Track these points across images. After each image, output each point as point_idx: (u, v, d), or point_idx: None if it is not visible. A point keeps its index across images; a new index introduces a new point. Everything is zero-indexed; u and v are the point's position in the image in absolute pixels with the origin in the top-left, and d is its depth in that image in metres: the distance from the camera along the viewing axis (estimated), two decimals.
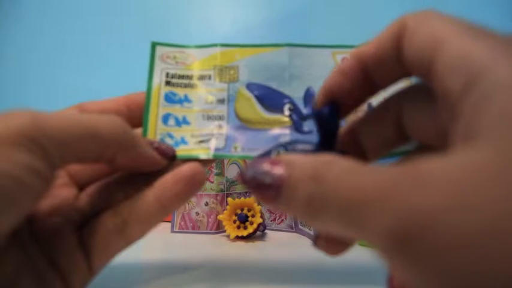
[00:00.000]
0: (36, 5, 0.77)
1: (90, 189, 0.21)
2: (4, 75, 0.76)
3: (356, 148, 0.18)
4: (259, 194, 0.13)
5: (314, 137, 0.18)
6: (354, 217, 0.10)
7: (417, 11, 0.14)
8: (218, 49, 0.25)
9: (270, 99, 0.24)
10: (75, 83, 0.72)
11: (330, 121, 0.17)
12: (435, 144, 0.15)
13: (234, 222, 0.43)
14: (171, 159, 0.22)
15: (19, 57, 0.76)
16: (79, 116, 0.17)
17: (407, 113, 0.16)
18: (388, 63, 0.15)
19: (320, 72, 0.25)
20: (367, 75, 0.16)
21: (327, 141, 0.17)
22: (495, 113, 0.10)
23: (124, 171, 0.21)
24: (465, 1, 0.67)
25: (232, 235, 0.42)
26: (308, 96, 0.24)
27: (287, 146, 0.19)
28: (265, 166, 0.12)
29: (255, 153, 0.23)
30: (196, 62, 0.25)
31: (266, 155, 0.19)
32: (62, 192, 0.21)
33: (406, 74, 0.15)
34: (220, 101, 0.24)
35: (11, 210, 0.15)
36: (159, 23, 0.74)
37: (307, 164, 0.12)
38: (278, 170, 0.12)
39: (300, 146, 0.19)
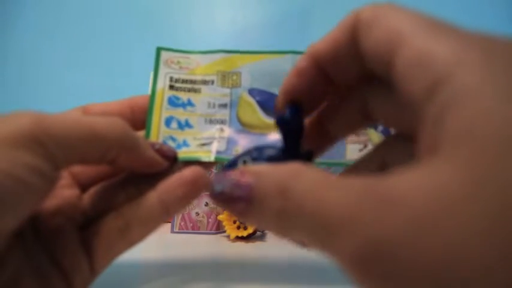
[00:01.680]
0: (42, 6, 0.77)
1: (93, 191, 0.21)
2: (9, 76, 0.76)
3: (321, 131, 0.18)
4: (229, 208, 0.12)
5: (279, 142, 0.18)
6: (320, 235, 0.10)
7: (372, 4, 0.13)
8: (221, 55, 0.26)
9: (271, 104, 0.24)
10: (80, 84, 0.73)
11: (292, 122, 0.17)
12: (400, 128, 0.15)
13: (234, 222, 0.44)
14: (172, 161, 0.22)
15: (24, 58, 0.76)
16: (81, 117, 0.18)
17: (371, 100, 0.16)
18: (344, 59, 0.14)
19: None
20: (323, 73, 0.15)
21: (292, 144, 0.17)
22: (457, 125, 0.09)
23: (126, 172, 0.22)
24: (463, 2, 0.67)
25: (232, 235, 0.42)
26: None
27: (252, 153, 0.19)
28: (233, 179, 0.12)
29: None
30: (199, 67, 0.25)
31: (232, 165, 0.19)
32: (64, 192, 0.21)
33: (365, 70, 0.14)
34: (223, 106, 0.24)
35: (14, 211, 0.15)
36: (162, 25, 0.74)
37: (273, 176, 0.12)
38: (246, 182, 0.12)
39: (266, 152, 0.18)
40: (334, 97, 0.17)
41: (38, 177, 0.15)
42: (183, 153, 0.23)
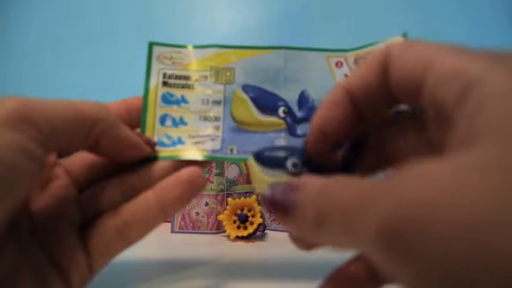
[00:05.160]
0: (42, 5, 0.77)
1: (90, 191, 0.22)
2: (8, 74, 0.76)
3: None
4: (276, 213, 0.14)
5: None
6: (351, 220, 0.11)
7: (396, 42, 0.14)
8: (215, 50, 0.25)
9: (264, 100, 0.24)
10: (79, 82, 0.73)
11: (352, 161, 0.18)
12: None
13: (234, 222, 0.44)
14: (153, 146, 0.22)
15: (19, 56, 0.77)
16: (65, 99, 0.18)
17: None
18: (375, 91, 0.15)
19: (314, 75, 0.25)
20: (356, 106, 0.16)
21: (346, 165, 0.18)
22: (492, 118, 0.10)
23: (110, 157, 0.21)
24: (462, 6, 0.67)
25: (232, 235, 0.42)
26: (302, 99, 0.24)
27: (301, 157, 0.20)
28: (285, 190, 0.14)
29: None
30: (193, 63, 0.25)
31: (274, 161, 0.20)
32: (62, 193, 0.21)
33: (394, 102, 0.16)
34: (217, 103, 0.24)
35: (6, 196, 0.14)
36: (162, 25, 0.75)
37: (318, 182, 0.13)
38: (295, 194, 0.13)
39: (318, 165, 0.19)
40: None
41: (27, 159, 0.15)
42: (166, 152, 0.22)
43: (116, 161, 0.21)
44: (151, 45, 0.25)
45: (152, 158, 0.22)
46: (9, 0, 0.78)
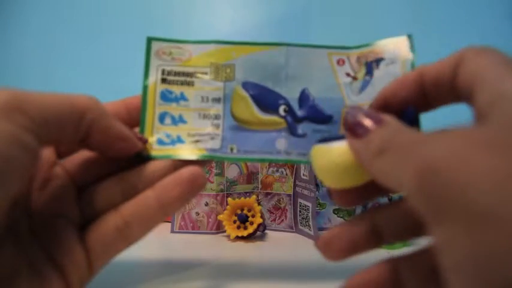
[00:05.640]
0: (42, 5, 0.77)
1: (90, 190, 0.21)
2: (8, 74, 0.76)
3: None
4: (350, 130, 0.17)
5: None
6: (403, 155, 0.13)
7: (475, 46, 0.17)
8: (215, 46, 0.25)
9: (265, 98, 0.24)
10: (76, 82, 0.73)
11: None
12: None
13: (234, 222, 0.43)
14: (145, 142, 0.22)
15: (19, 56, 0.76)
16: (55, 92, 0.18)
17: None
18: (443, 84, 0.17)
19: (316, 73, 0.24)
20: (422, 90, 0.18)
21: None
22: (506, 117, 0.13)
23: (102, 151, 0.21)
24: (463, 5, 0.67)
25: (232, 235, 0.42)
26: (303, 97, 0.24)
27: None
28: (370, 118, 0.16)
29: (251, 156, 0.23)
30: (192, 58, 0.25)
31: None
32: (62, 192, 0.21)
33: (455, 99, 0.18)
34: (217, 100, 0.24)
35: (1, 186, 0.14)
36: (162, 25, 0.74)
37: (396, 125, 0.16)
38: (377, 126, 0.16)
39: None
40: None
41: (21, 149, 0.15)
42: (163, 151, 0.22)
43: (109, 156, 0.21)
44: (150, 40, 0.25)
45: (146, 157, 0.22)
46: (9, 0, 0.78)
